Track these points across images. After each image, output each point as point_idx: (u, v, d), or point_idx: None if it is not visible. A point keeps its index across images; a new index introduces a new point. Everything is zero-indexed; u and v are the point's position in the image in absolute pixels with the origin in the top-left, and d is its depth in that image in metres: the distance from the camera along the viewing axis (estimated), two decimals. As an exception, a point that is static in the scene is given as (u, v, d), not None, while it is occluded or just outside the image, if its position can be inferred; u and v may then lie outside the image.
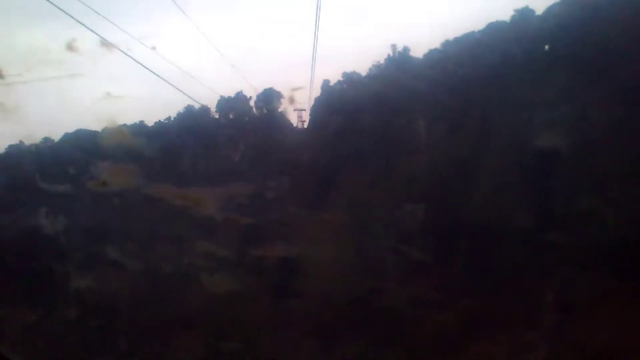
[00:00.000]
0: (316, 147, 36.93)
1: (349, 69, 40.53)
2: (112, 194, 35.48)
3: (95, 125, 39.95)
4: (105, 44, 34.53)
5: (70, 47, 34.87)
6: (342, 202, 33.00)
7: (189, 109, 41.15)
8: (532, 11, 35.32)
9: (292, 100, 43.29)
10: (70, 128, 40.97)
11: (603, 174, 28.02)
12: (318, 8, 25.87)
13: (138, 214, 35.26)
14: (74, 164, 37.48)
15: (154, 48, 36.10)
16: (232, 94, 41.72)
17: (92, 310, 33.48)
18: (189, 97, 37.21)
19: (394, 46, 39.48)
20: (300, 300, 31.49)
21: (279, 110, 42.10)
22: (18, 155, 40.64)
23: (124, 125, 40.47)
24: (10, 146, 41.39)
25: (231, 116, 41.25)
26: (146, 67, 22.01)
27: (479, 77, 33.26)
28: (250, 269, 33.01)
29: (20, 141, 41.84)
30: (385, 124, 34.90)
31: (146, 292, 33.21)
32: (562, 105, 30.37)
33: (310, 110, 41.86)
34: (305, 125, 43.25)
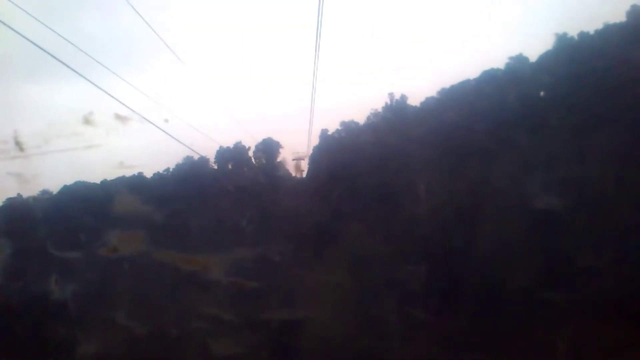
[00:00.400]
0: (315, 198, 37.37)
1: (347, 117, 40.91)
2: (121, 260, 36.25)
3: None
4: (119, 116, 36.31)
5: (86, 120, 36.80)
6: (344, 261, 33.53)
7: (187, 160, 41.38)
8: (526, 58, 35.99)
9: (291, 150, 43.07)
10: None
11: (601, 230, 28.92)
12: (316, 57, 27.17)
13: (146, 278, 35.89)
14: (85, 229, 38.38)
15: (166, 120, 37.66)
16: (230, 143, 41.93)
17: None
18: (190, 148, 37.63)
19: (391, 94, 39.92)
20: (306, 363, 31.68)
21: (278, 160, 42.11)
22: (23, 213, 41.15)
23: (123, 177, 41.22)
24: (9, 199, 41.52)
25: (230, 166, 41.47)
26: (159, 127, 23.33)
27: (476, 124, 33.93)
28: (256, 332, 33.29)
29: (18, 194, 41.99)
30: (384, 172, 35.37)
31: (153, 356, 33.39)
32: (559, 158, 31.39)
33: (309, 159, 42.10)
34: (304, 174, 43.28)
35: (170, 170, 42.17)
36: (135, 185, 40.71)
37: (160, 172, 42.23)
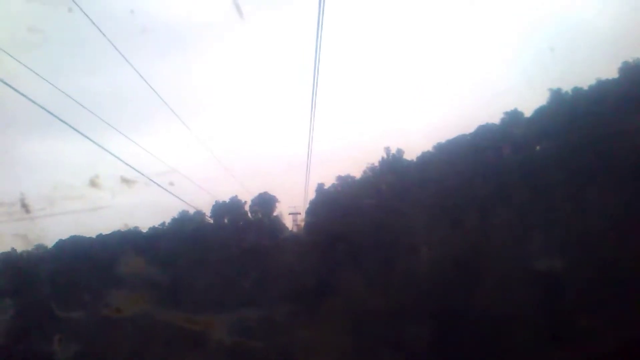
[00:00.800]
0: (314, 255, 37.52)
1: (343, 171, 41.86)
2: (124, 320, 36.26)
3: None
4: (125, 180, 36.83)
5: (92, 183, 37.25)
6: (344, 318, 33.51)
7: (183, 214, 41.89)
8: (521, 113, 36.72)
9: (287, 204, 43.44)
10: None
11: (602, 289, 28.98)
12: (312, 112, 27.43)
13: (149, 338, 35.91)
14: (87, 288, 38.49)
15: (172, 184, 38.03)
16: (226, 198, 42.50)
17: None
18: (186, 202, 37.96)
19: (387, 148, 40.57)
20: None
21: (275, 214, 42.67)
22: (20, 268, 41.13)
23: (118, 231, 41.46)
24: (3, 253, 41.78)
25: (226, 221, 41.79)
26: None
27: (473, 179, 34.53)
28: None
29: (12, 248, 42.37)
30: (382, 228, 35.59)
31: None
32: (557, 213, 31.55)
33: (306, 213, 42.52)
34: (301, 227, 43.55)
35: (166, 224, 42.80)
36: (130, 239, 41.11)
37: (156, 226, 42.92)
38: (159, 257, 37.80)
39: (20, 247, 42.73)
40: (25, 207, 37.25)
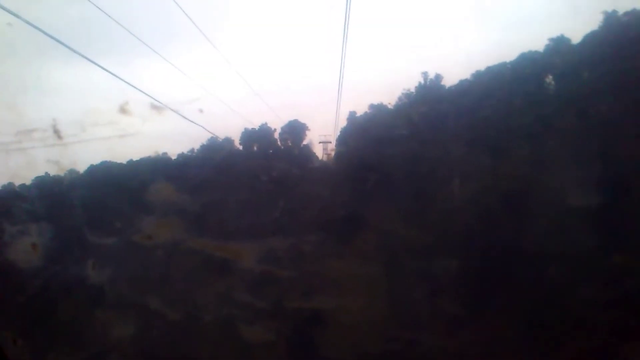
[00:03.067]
0: (345, 185, 36.86)
1: (377, 101, 40.08)
2: (155, 247, 36.86)
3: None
4: (155, 106, 36.78)
5: (122, 109, 37.30)
6: (375, 250, 33.46)
7: (212, 141, 41.45)
8: (568, 39, 33.97)
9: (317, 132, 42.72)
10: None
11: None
12: (345, 37, 26.67)
13: (180, 265, 36.51)
14: (120, 216, 39.07)
15: (201, 110, 37.76)
16: (256, 126, 41.72)
17: (134, 358, 34.46)
18: (208, 130, 37.42)
19: (425, 73, 38.08)
20: (335, 351, 31.89)
21: (304, 142, 41.64)
22: (54, 192, 41.81)
23: (148, 157, 41.75)
24: (37, 177, 42.33)
25: (255, 148, 41.16)
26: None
27: (511, 107, 32.80)
28: (286, 320, 33.65)
29: (46, 172, 42.80)
30: (416, 159, 34.61)
31: (186, 341, 34.06)
32: (599, 149, 29.79)
33: (337, 141, 41.69)
34: (332, 157, 42.99)
35: (195, 151, 42.36)
36: (160, 165, 41.16)
37: (185, 152, 42.61)
38: (189, 184, 37.83)
39: (53, 172, 43.16)
40: (57, 132, 37.63)
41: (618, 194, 29.36)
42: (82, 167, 43.37)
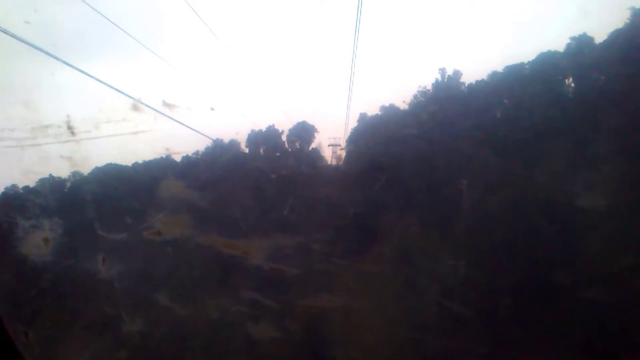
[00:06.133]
0: (355, 187, 36.73)
1: (389, 103, 39.35)
2: (165, 243, 37.12)
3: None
4: (166, 103, 37.02)
5: (134, 107, 37.55)
6: (384, 251, 33.57)
7: (217, 143, 41.25)
8: (591, 38, 32.77)
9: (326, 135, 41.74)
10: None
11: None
12: (356, 36, 26.38)
13: (189, 262, 36.81)
14: (130, 212, 39.33)
15: (212, 109, 37.90)
16: (264, 127, 41.44)
17: (142, 353, 34.76)
18: (203, 134, 37.00)
19: (442, 70, 36.98)
20: (342, 350, 32.06)
21: (313, 145, 41.35)
22: (61, 192, 42.10)
23: (153, 160, 41.75)
24: (41, 179, 42.57)
25: (262, 151, 40.92)
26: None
27: (527, 110, 32.09)
28: (294, 318, 33.83)
29: (50, 175, 43.02)
30: (425, 155, 34.34)
31: (194, 336, 34.35)
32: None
33: (347, 142, 41.01)
34: (341, 160, 42.16)
35: (200, 153, 42.34)
36: (164, 167, 41.22)
37: (189, 155, 42.62)
38: (197, 183, 37.94)
39: (64, 170, 43.58)
40: (70, 129, 37.95)
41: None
42: (95, 164, 43.71)
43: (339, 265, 33.74)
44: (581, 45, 32.75)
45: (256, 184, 38.82)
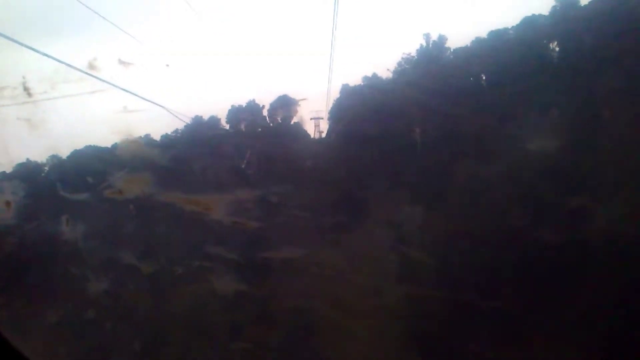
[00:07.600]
0: (338, 160, 36.56)
1: (372, 71, 38.20)
2: (127, 202, 37.05)
3: (112, 138, 40.96)
4: (122, 62, 36.39)
5: (91, 65, 36.84)
6: (342, 204, 33.81)
7: (197, 120, 40.33)
8: (576, 1, 32.39)
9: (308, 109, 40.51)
10: (90, 141, 42.42)
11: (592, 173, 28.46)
12: (336, 8, 25.49)
13: (151, 219, 36.84)
14: (93, 174, 39.11)
15: (167, 65, 37.27)
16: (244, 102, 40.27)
17: (108, 312, 35.06)
18: (171, 112, 36.60)
19: (427, 35, 35.97)
20: (305, 299, 32.54)
21: (295, 120, 40.48)
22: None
23: (132, 139, 40.74)
24: (19, 164, 41.91)
25: (242, 127, 40.61)
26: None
27: (508, 77, 31.78)
28: (257, 271, 34.17)
29: (27, 159, 42.40)
30: (407, 125, 34.24)
31: (159, 293, 34.67)
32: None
33: (329, 113, 40.12)
34: (323, 135, 41.51)
35: (179, 131, 41.23)
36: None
37: (169, 133, 41.63)
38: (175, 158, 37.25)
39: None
40: (27, 90, 37.32)
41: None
42: (53, 123, 43.02)
43: (298, 217, 33.90)
44: (566, 8, 32.33)
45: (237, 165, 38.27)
